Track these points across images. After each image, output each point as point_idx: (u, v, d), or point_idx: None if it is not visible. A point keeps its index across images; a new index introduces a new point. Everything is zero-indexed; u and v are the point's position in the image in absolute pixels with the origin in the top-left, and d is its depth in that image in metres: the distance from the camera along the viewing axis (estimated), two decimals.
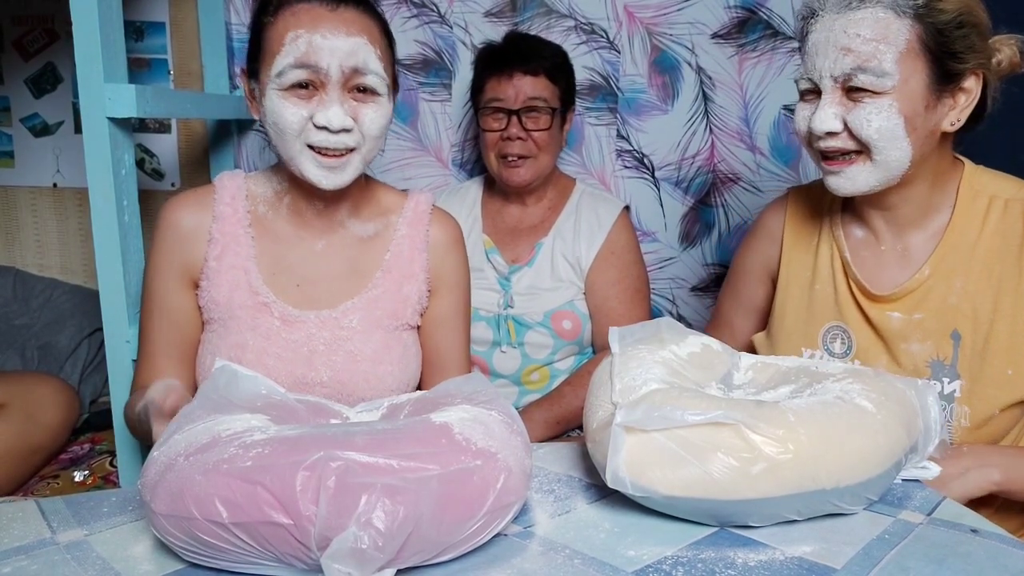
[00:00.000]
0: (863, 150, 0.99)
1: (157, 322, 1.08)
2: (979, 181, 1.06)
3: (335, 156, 0.99)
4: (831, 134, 0.99)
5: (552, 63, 1.54)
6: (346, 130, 0.98)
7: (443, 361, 1.17)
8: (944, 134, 1.01)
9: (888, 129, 0.96)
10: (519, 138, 1.51)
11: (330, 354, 1.06)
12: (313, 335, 1.05)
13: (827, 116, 0.98)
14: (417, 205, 1.15)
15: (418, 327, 1.16)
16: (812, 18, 1.01)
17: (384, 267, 1.11)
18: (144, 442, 1.02)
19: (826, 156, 1.02)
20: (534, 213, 1.62)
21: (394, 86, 1.07)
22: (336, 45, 0.97)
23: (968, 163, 1.09)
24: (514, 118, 1.51)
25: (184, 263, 1.06)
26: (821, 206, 1.19)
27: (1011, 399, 1.00)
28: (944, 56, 0.96)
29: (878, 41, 0.94)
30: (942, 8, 0.95)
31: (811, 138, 1.03)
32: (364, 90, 1.00)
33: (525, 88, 1.51)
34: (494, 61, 1.55)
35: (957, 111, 0.99)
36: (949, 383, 1.03)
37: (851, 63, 0.96)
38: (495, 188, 1.65)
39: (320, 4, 0.99)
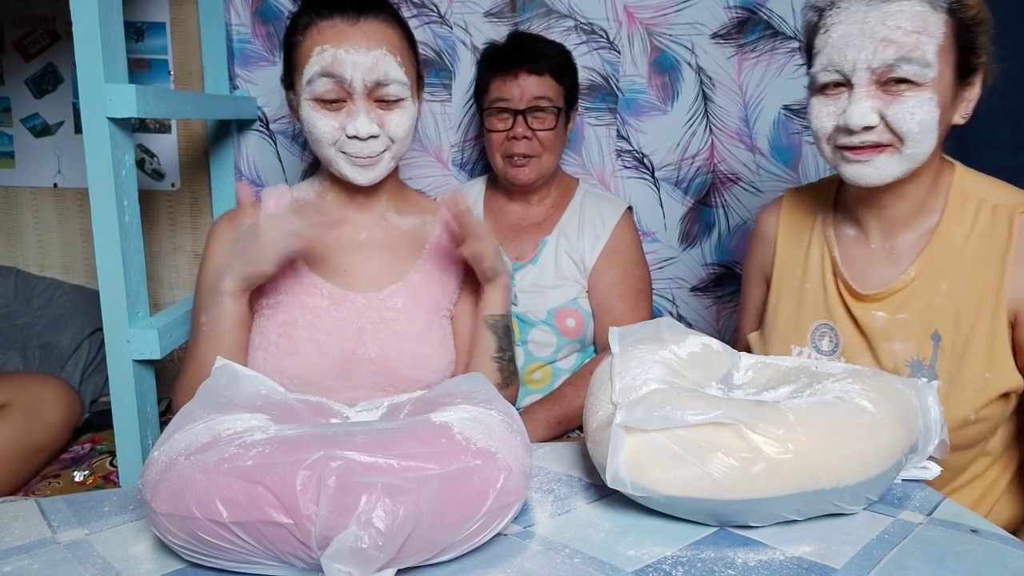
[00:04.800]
0: (893, 142, 0.98)
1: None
2: (969, 184, 1.06)
3: (367, 157, 1.10)
4: (867, 128, 0.97)
5: (557, 62, 1.54)
6: (373, 136, 1.08)
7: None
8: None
9: (927, 122, 0.96)
10: (525, 137, 1.51)
11: (377, 331, 1.11)
12: (361, 314, 1.12)
13: (864, 110, 0.96)
14: None
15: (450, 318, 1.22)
16: (832, 8, 0.99)
17: (424, 256, 1.19)
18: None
19: (851, 146, 1.00)
20: (537, 211, 1.62)
21: (419, 83, 1.16)
22: (358, 60, 1.06)
23: (959, 165, 1.08)
24: (520, 118, 1.51)
25: None
26: (815, 206, 1.19)
27: (987, 401, 1.01)
28: (967, 51, 0.97)
29: (919, 33, 0.94)
30: (969, 4, 0.96)
31: (838, 133, 1.00)
32: (387, 99, 1.09)
33: (530, 88, 1.51)
34: (498, 61, 1.55)
35: (966, 105, 1.02)
36: (927, 383, 1.03)
37: (893, 54, 0.94)
38: (498, 186, 1.65)
39: (341, 20, 1.08)
